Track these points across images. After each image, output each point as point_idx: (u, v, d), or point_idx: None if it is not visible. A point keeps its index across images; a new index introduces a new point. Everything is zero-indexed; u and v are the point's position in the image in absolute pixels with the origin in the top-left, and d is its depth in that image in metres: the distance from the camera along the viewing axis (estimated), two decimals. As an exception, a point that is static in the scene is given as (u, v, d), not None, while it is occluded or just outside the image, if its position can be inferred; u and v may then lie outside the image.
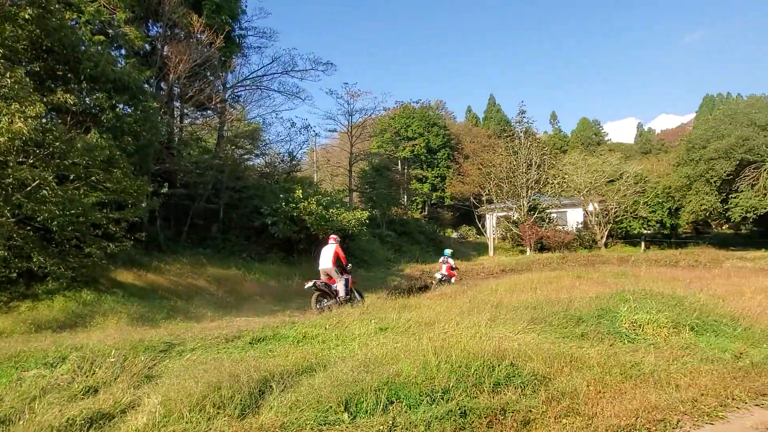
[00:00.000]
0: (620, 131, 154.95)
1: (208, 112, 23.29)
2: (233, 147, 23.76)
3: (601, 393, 5.35)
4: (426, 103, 58.15)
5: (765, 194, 27.33)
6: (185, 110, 22.09)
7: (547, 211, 36.56)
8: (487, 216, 39.15)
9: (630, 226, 37.78)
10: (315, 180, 36.46)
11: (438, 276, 18.46)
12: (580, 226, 37.76)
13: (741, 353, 7.28)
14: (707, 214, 32.45)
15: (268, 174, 26.22)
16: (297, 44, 52.69)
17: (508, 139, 37.76)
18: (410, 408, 4.57)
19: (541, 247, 32.01)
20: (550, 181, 36.41)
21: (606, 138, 78.10)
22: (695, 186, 31.00)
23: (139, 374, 5.71)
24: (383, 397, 4.63)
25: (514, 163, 35.23)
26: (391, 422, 4.34)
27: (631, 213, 36.37)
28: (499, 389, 5.11)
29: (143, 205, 14.73)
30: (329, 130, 47.62)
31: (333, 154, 46.27)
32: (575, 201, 37.59)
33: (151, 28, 20.58)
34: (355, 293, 13.42)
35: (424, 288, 17.67)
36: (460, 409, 4.48)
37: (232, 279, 16.77)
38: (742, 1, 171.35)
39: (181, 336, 8.12)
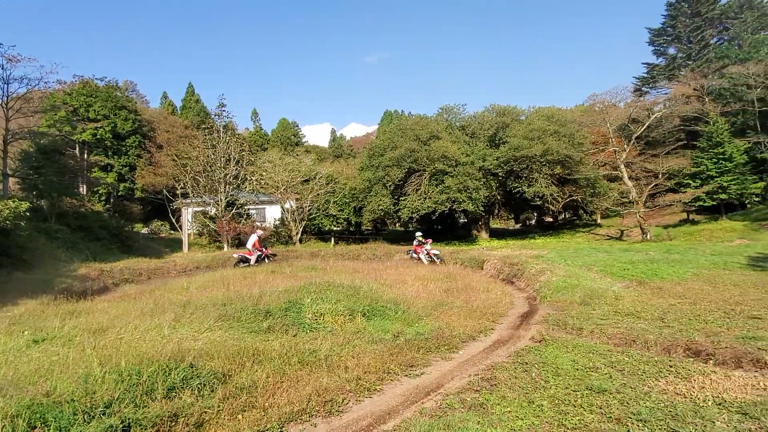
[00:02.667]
0: (317, 134, 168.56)
1: None
2: None
3: (279, 383, 5.56)
4: (113, 81, 51.82)
5: (425, 198, 32.98)
6: None
7: (246, 207, 36.82)
8: (183, 210, 37.28)
9: (322, 223, 40.90)
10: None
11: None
12: (277, 222, 39.17)
13: (399, 332, 8.55)
14: (384, 214, 37.42)
15: None
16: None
17: (207, 131, 36.59)
18: (60, 431, 3.90)
19: (239, 243, 32.05)
20: (249, 178, 36.79)
21: (304, 140, 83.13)
22: (375, 189, 35.47)
23: None
24: (22, 423, 3.85)
25: (212, 156, 34.25)
26: (30, 453, 3.63)
27: (323, 211, 39.41)
28: (174, 394, 4.83)
29: None
30: (-26, 99, 38.13)
31: (-18, 130, 37.13)
32: (273, 198, 38.75)
33: None
34: (266, 259, 22.88)
35: (104, 289, 15.69)
36: (123, 423, 4.04)
37: None
38: (404, 34, 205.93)
39: None
